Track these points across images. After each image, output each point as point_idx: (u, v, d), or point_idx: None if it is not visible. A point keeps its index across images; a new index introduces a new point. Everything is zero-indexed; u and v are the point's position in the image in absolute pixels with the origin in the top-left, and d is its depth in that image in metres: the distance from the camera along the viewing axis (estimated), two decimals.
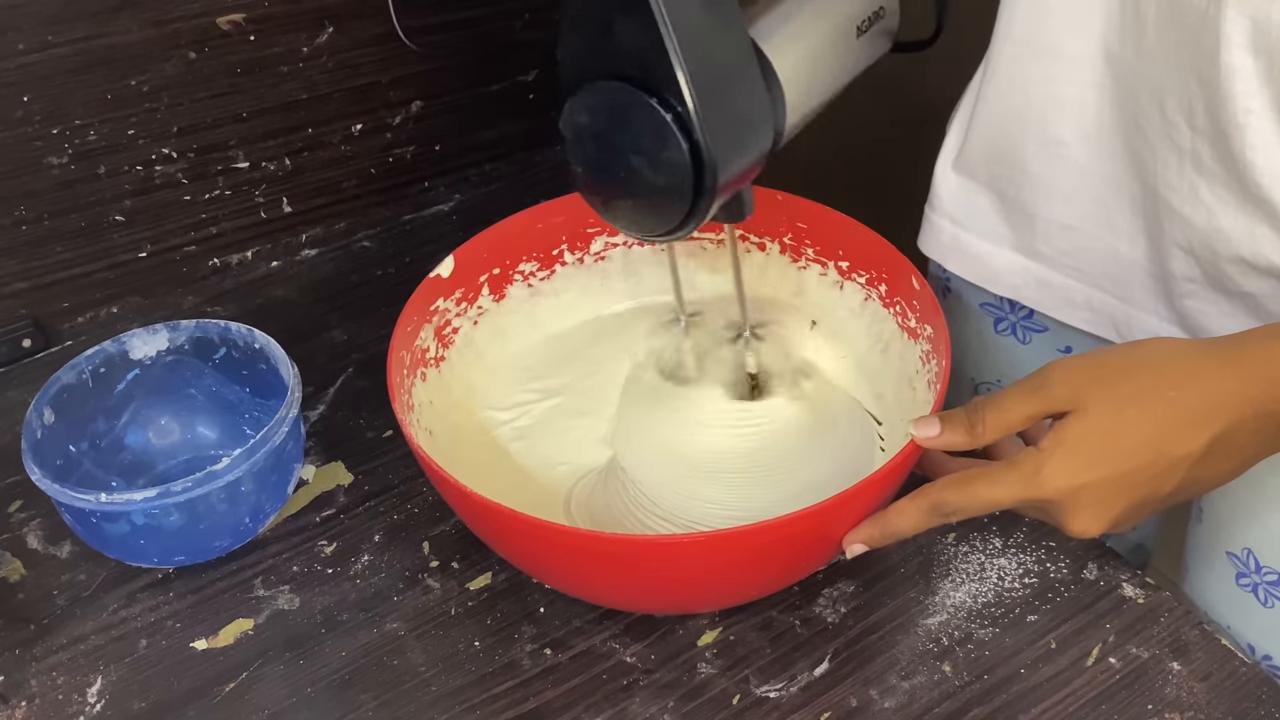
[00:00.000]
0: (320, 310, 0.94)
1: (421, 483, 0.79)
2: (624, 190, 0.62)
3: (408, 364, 0.73)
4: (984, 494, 0.58)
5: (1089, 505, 0.56)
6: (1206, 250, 0.67)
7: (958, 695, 0.66)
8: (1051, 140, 0.72)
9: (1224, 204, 0.65)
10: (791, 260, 0.82)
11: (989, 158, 0.76)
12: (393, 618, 0.71)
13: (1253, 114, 0.61)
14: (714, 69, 0.58)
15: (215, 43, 0.89)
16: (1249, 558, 0.74)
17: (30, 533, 0.77)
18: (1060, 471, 0.56)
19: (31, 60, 0.83)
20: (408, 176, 1.03)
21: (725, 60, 0.59)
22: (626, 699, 0.67)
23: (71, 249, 0.90)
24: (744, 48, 0.60)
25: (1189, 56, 0.62)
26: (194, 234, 0.95)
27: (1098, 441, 0.56)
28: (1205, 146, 0.64)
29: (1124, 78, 0.67)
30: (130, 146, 0.89)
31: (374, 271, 0.98)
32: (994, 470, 0.58)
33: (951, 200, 0.81)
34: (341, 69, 0.94)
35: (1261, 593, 0.75)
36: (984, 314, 0.87)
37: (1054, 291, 0.78)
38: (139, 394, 0.78)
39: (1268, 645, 0.75)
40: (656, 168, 0.59)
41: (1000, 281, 0.80)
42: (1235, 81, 0.60)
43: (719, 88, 0.58)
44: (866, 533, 0.61)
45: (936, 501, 0.59)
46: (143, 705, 0.67)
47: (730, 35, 0.59)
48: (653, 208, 0.61)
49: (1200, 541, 0.80)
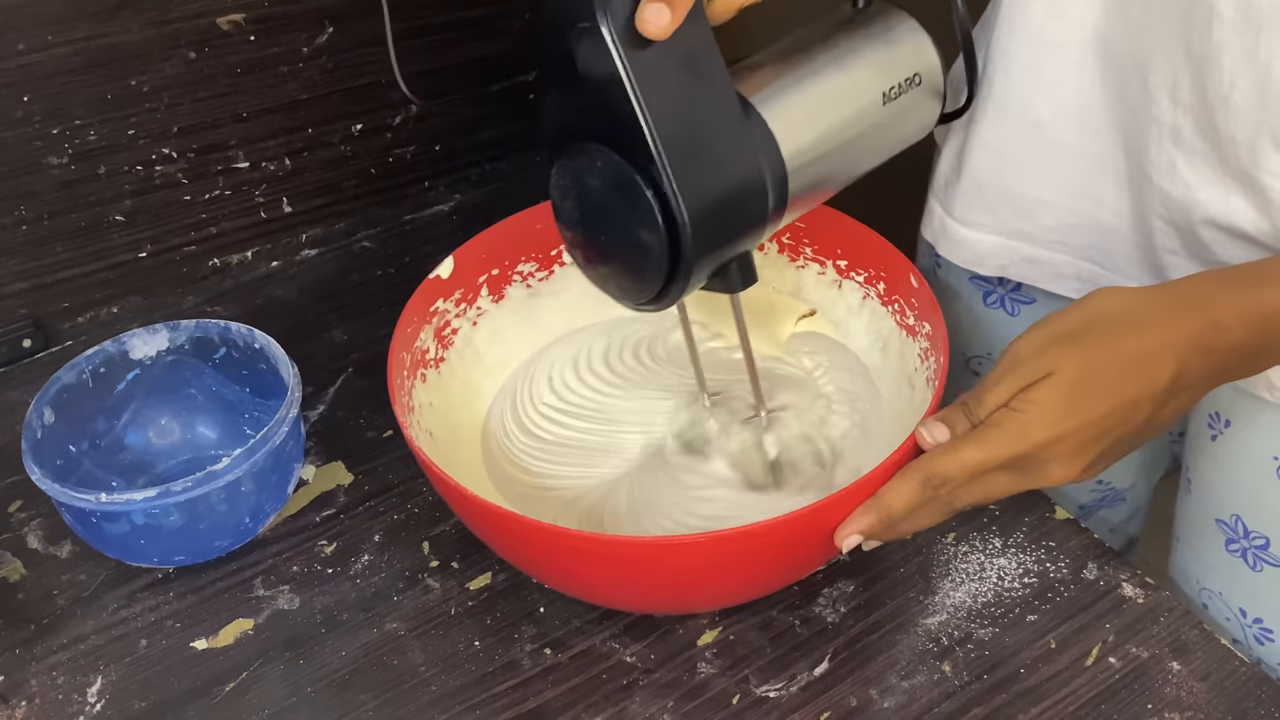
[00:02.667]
0: (320, 310, 0.94)
1: (421, 483, 0.79)
2: (606, 256, 0.61)
3: (408, 365, 0.73)
4: (971, 456, 0.59)
5: (1067, 452, 0.59)
6: (1184, 219, 0.69)
7: (958, 695, 0.66)
8: (1034, 123, 0.73)
9: (1201, 178, 0.66)
10: (790, 259, 0.82)
11: (973, 147, 0.77)
12: (393, 618, 0.71)
13: (1237, 89, 0.62)
14: (694, 136, 0.56)
15: (215, 43, 0.89)
16: (1237, 523, 0.76)
17: (30, 533, 0.77)
18: (1040, 423, 0.58)
19: (31, 60, 0.83)
20: (408, 176, 1.03)
21: (708, 128, 0.57)
22: (626, 699, 0.67)
23: (71, 249, 0.90)
24: (731, 115, 0.58)
25: (1176, 31, 0.63)
26: (194, 234, 0.95)
27: (1070, 393, 0.58)
28: (1187, 120, 0.65)
29: (1108, 54, 0.68)
30: (130, 146, 0.89)
31: (374, 271, 0.98)
32: (977, 433, 0.60)
33: (941, 187, 0.81)
34: (341, 69, 0.94)
35: (1251, 557, 0.76)
36: (973, 288, 0.88)
37: (1042, 267, 0.80)
38: (139, 394, 0.78)
39: (1258, 609, 0.76)
40: (634, 234, 0.57)
41: (987, 263, 0.81)
42: (1224, 55, 0.61)
43: (698, 155, 0.56)
44: (861, 522, 0.61)
45: (926, 474, 0.60)
46: (143, 705, 0.67)
47: (714, 101, 0.57)
48: (633, 275, 0.60)
49: (1190, 511, 0.81)
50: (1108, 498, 0.93)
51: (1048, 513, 0.75)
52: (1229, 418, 0.75)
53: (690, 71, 0.56)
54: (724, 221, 0.59)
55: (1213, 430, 0.76)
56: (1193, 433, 0.80)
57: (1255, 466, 0.74)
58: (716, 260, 0.60)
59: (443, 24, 0.98)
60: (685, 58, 0.56)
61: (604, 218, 0.59)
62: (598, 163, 0.57)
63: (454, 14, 0.98)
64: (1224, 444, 0.76)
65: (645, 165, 0.55)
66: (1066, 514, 0.75)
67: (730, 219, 0.59)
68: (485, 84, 1.03)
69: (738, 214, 0.59)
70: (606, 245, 0.61)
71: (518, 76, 1.04)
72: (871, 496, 0.61)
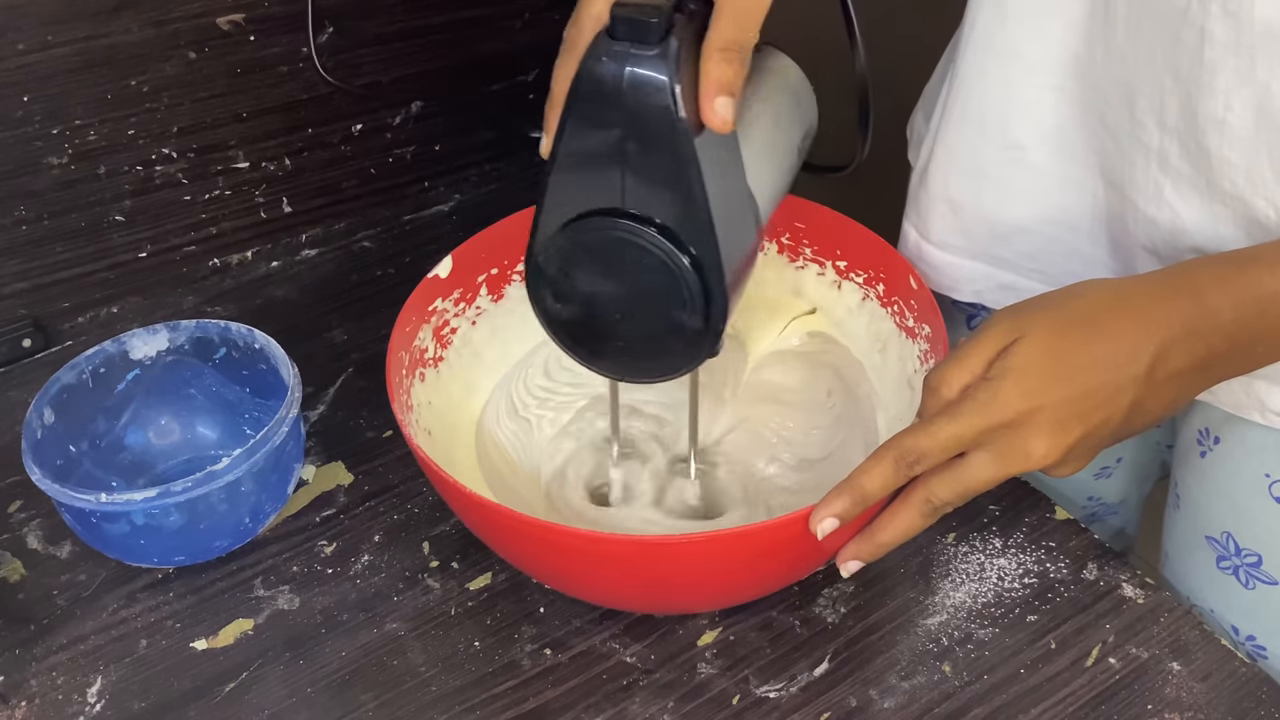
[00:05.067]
0: (320, 310, 0.94)
1: (421, 483, 0.79)
2: (615, 336, 0.59)
3: (406, 364, 0.73)
4: (945, 431, 0.57)
5: (1047, 428, 0.56)
6: (1169, 247, 0.67)
7: (958, 695, 0.66)
8: (1011, 144, 0.72)
9: (1189, 205, 0.65)
10: (789, 260, 0.82)
11: (949, 167, 0.76)
12: (393, 618, 0.71)
13: (1232, 111, 0.60)
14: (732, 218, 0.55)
15: (215, 43, 0.89)
16: (1229, 541, 0.75)
17: (30, 533, 0.77)
18: (1015, 392, 0.56)
19: (31, 60, 0.83)
20: (408, 176, 1.03)
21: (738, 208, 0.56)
22: (626, 699, 0.67)
23: (71, 249, 0.90)
24: (745, 192, 0.57)
25: (1164, 54, 0.62)
26: (194, 234, 0.95)
27: (1047, 362, 0.56)
28: (1174, 145, 0.64)
29: (1089, 78, 0.67)
30: (130, 146, 0.89)
31: (374, 271, 0.98)
32: (950, 406, 0.57)
33: (915, 210, 0.80)
34: (341, 69, 0.94)
35: (1243, 575, 0.75)
36: (957, 312, 0.87)
37: (1018, 294, 0.77)
38: (139, 394, 0.78)
39: (1251, 627, 0.76)
40: (665, 317, 0.56)
41: (962, 289, 0.80)
42: (1218, 77, 0.60)
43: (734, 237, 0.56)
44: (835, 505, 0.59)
45: (898, 451, 0.58)
46: (143, 705, 0.67)
47: (738, 182, 0.57)
48: (651, 356, 0.59)
49: (1179, 527, 0.80)
50: (1099, 513, 0.93)
51: (1048, 513, 0.75)
52: (1219, 435, 0.74)
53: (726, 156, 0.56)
54: (740, 291, 0.58)
55: (1202, 447, 0.75)
56: (1182, 448, 0.79)
57: (1246, 484, 0.73)
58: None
59: (443, 24, 0.98)
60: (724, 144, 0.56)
61: (625, 300, 0.57)
62: (633, 240, 0.55)
63: (454, 14, 0.98)
64: (1214, 461, 0.75)
65: (694, 247, 0.54)
66: (1066, 514, 0.75)
67: (739, 292, 0.59)
68: (485, 84, 1.03)
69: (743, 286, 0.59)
70: (620, 327, 0.58)
71: (518, 76, 1.04)
72: (848, 476, 0.59)
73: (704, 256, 0.55)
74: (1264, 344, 0.59)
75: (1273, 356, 0.60)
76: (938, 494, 0.59)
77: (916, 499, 0.59)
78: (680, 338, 0.57)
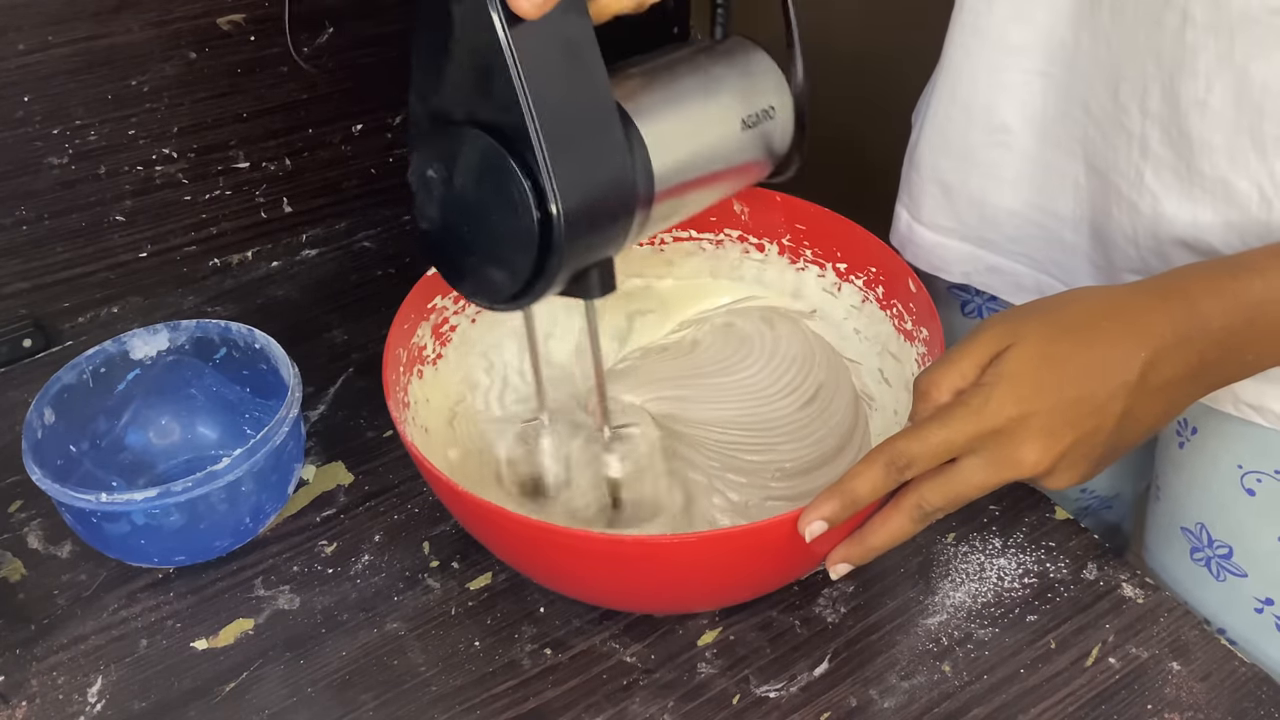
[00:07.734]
0: (320, 310, 0.94)
1: (421, 483, 0.79)
2: (468, 250, 0.58)
3: (404, 361, 0.73)
4: (936, 436, 0.56)
5: (1038, 434, 0.56)
6: (1149, 235, 0.67)
7: (958, 695, 0.66)
8: (998, 128, 0.72)
9: (1169, 189, 0.65)
10: (790, 261, 0.82)
11: (939, 149, 0.76)
12: (393, 618, 0.71)
13: (1213, 93, 0.61)
14: (572, 126, 0.54)
15: (215, 43, 0.89)
16: (1202, 532, 0.75)
17: (30, 533, 0.77)
18: (1008, 399, 0.56)
19: (31, 60, 0.83)
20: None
21: (586, 121, 0.55)
22: (626, 699, 0.67)
23: (71, 249, 0.90)
24: (607, 114, 0.57)
25: (1147, 38, 0.62)
26: (194, 234, 0.95)
27: (1039, 368, 0.56)
28: (1155, 130, 0.64)
29: (1074, 63, 0.67)
30: (130, 146, 0.89)
31: (374, 271, 0.98)
32: (942, 411, 0.57)
33: (907, 191, 0.81)
34: (341, 69, 0.94)
35: (1214, 566, 0.75)
36: (951, 298, 0.87)
37: (1004, 276, 0.79)
38: (139, 394, 0.78)
39: (1223, 619, 0.76)
40: (503, 223, 0.55)
41: (951, 269, 0.80)
42: (1199, 59, 0.60)
43: (575, 146, 0.55)
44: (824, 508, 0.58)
45: (890, 454, 0.57)
46: (143, 705, 0.67)
47: (592, 96, 0.56)
48: (497, 269, 0.58)
49: (1158, 519, 0.80)
50: (1092, 506, 0.93)
51: (1048, 513, 0.76)
52: (1196, 425, 0.74)
53: (571, 62, 0.55)
54: (595, 218, 0.57)
55: (1180, 438, 0.76)
56: (1163, 440, 0.79)
57: (1221, 475, 0.73)
58: (584, 259, 0.58)
59: None
60: (567, 46, 0.55)
61: (471, 206, 0.56)
62: (467, 146, 0.55)
63: None
64: (1191, 451, 0.75)
65: (521, 150, 0.53)
66: (1066, 514, 0.76)
67: (601, 217, 0.57)
68: None
69: (608, 213, 0.58)
70: (470, 237, 0.58)
71: None
72: (838, 481, 0.59)
73: (531, 156, 0.53)
74: (1254, 351, 0.59)
75: (1263, 364, 0.60)
76: (929, 499, 0.58)
77: (907, 504, 0.59)
78: (520, 246, 0.56)
